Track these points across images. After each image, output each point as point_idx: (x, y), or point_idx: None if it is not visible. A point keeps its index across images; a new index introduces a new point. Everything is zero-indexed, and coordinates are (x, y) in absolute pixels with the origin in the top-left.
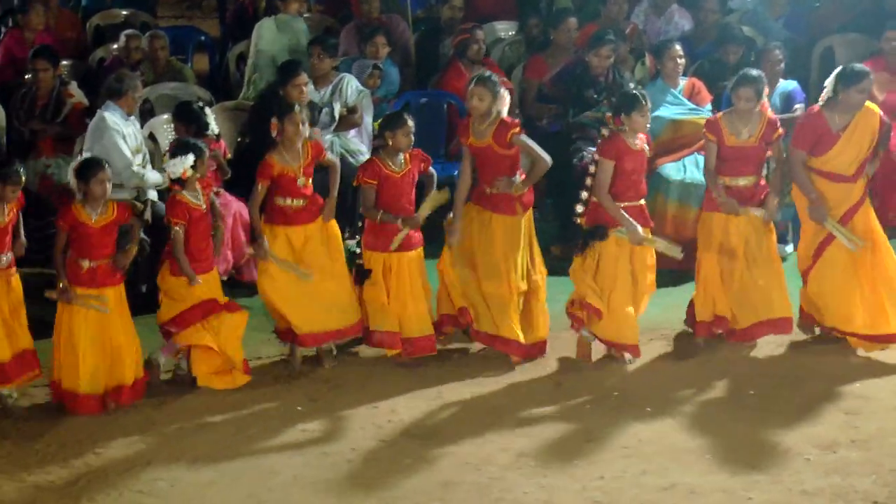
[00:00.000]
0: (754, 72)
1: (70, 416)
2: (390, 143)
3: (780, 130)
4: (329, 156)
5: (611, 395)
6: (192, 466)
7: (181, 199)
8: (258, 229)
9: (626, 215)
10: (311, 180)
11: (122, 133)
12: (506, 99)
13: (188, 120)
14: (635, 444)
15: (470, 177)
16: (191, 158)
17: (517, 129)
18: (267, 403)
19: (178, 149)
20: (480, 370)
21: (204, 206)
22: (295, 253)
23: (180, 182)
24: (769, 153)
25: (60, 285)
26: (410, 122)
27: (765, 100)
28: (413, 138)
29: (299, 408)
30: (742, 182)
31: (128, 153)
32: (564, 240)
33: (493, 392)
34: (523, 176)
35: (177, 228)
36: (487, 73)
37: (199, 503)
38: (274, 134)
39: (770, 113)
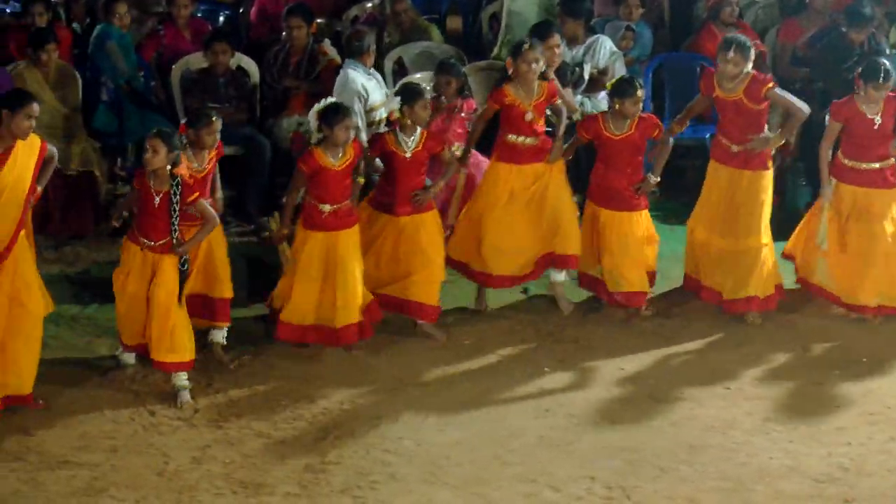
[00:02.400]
0: None
1: (317, 371)
2: (617, 107)
3: None
4: (559, 101)
5: (860, 360)
6: (437, 425)
7: (383, 138)
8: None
9: (825, 173)
10: (542, 121)
11: (362, 92)
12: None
13: (451, 74)
14: (882, 410)
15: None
16: (397, 101)
17: (771, 84)
18: (514, 364)
19: (397, 91)
20: (719, 333)
21: (408, 154)
22: (519, 191)
23: (388, 122)
24: None
25: (274, 227)
26: (640, 92)
27: None
28: (641, 107)
29: (546, 368)
30: None
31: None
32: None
33: (735, 356)
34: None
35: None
36: (740, 36)
37: (443, 463)
38: (509, 71)
39: None
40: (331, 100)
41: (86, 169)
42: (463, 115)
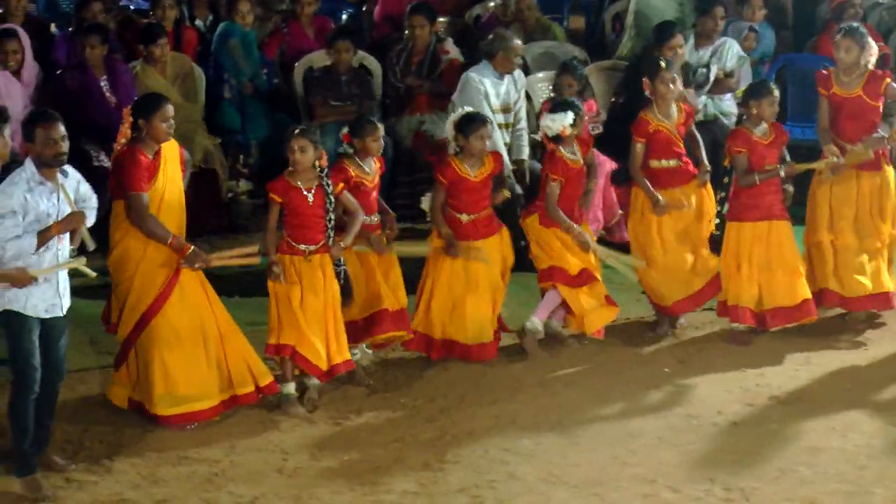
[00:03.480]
0: None
1: (436, 370)
2: (755, 111)
3: None
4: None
5: None
6: (555, 426)
7: (560, 156)
8: (644, 187)
9: None
10: (682, 142)
11: (485, 92)
12: (873, 49)
13: (573, 76)
14: None
15: None
16: (570, 116)
17: (889, 80)
18: (633, 364)
19: (556, 106)
20: (842, 335)
21: (581, 163)
22: (673, 217)
23: (558, 139)
24: None
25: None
26: (776, 93)
27: None
28: (777, 108)
29: (666, 369)
30: None
31: (487, 112)
32: None
33: (858, 360)
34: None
35: (553, 184)
36: (855, 24)
37: (562, 463)
38: (647, 93)
39: None
40: (468, 109)
41: (207, 166)
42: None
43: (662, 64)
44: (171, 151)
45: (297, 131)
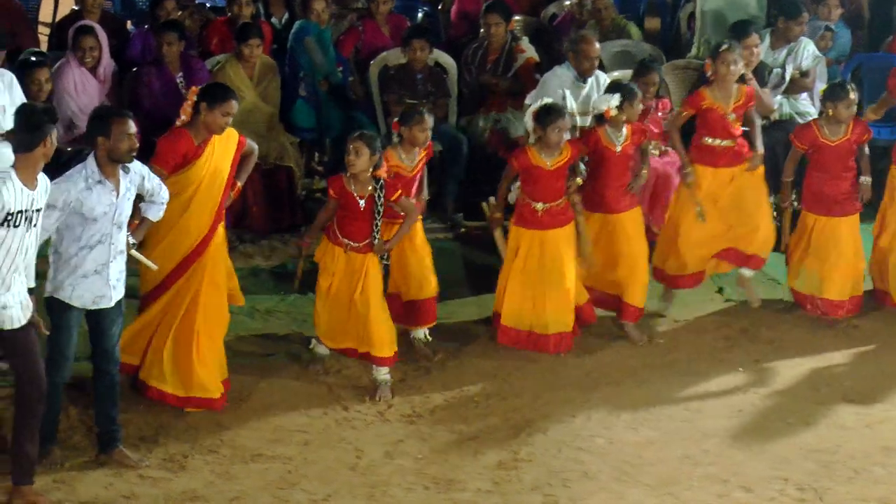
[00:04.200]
0: None
1: (510, 368)
2: (830, 112)
3: None
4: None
5: None
6: (629, 424)
7: (596, 133)
8: (677, 147)
9: None
10: (739, 123)
11: (563, 95)
12: None
13: (649, 75)
14: None
15: None
16: (617, 98)
17: None
18: (707, 363)
19: (611, 88)
20: None
21: (618, 149)
22: (716, 194)
23: (601, 119)
24: None
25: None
26: (853, 95)
27: None
28: (855, 110)
29: (740, 368)
30: None
31: None
32: None
33: None
34: None
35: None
36: None
37: (635, 461)
38: (708, 74)
39: None
40: (547, 100)
41: (283, 163)
42: (659, 114)
43: (724, 46)
44: (226, 144)
45: (356, 134)
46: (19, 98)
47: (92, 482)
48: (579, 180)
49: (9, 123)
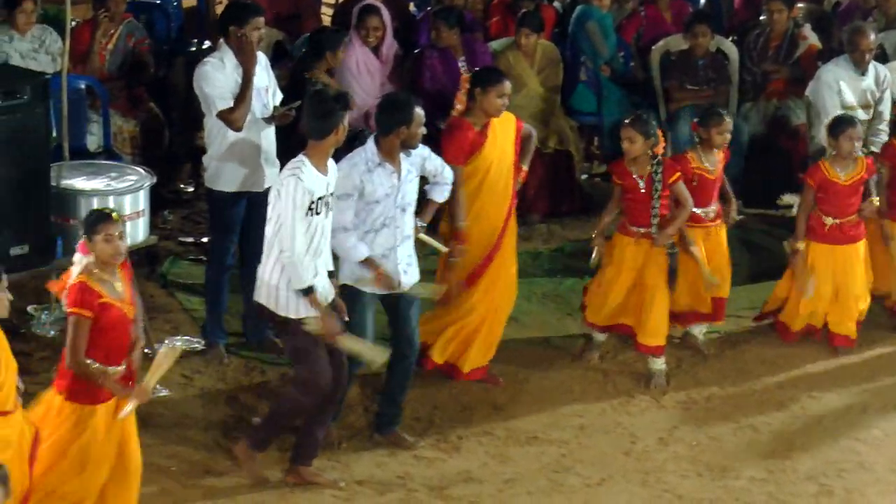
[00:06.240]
0: None
1: (786, 356)
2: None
3: None
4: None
5: None
6: None
7: None
8: None
9: None
10: None
11: (838, 89)
12: None
13: None
14: None
15: None
16: None
17: None
18: None
19: None
20: None
21: None
22: None
23: None
24: None
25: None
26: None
27: None
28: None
29: None
30: None
31: (834, 109)
32: None
33: None
34: None
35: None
36: None
37: None
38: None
39: None
40: (838, 112)
41: (563, 148)
42: None
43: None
44: (505, 126)
45: (627, 121)
46: (273, 79)
47: (367, 462)
48: (875, 200)
49: (271, 103)
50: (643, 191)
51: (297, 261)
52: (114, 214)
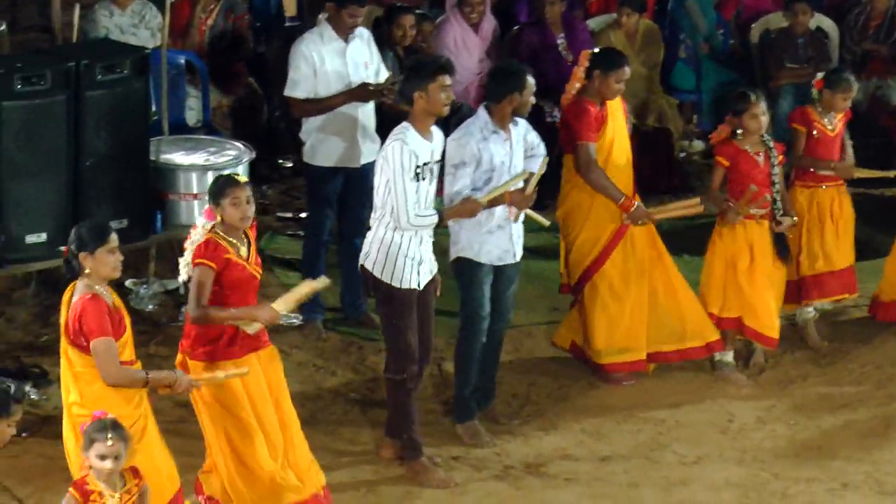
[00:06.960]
0: None
1: (889, 339)
2: None
3: None
4: None
5: None
6: None
7: None
8: None
9: None
10: None
11: None
12: None
13: None
14: None
15: None
16: None
17: None
18: None
19: None
20: None
21: None
22: None
23: None
24: None
25: None
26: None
27: None
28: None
29: None
30: None
31: None
32: None
33: None
34: None
35: None
36: None
37: None
38: None
39: None
40: None
41: (662, 125)
42: None
43: None
44: (617, 107)
45: (753, 97)
46: (377, 55)
47: (459, 431)
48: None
49: (372, 79)
50: (762, 165)
51: (413, 221)
52: (241, 178)
